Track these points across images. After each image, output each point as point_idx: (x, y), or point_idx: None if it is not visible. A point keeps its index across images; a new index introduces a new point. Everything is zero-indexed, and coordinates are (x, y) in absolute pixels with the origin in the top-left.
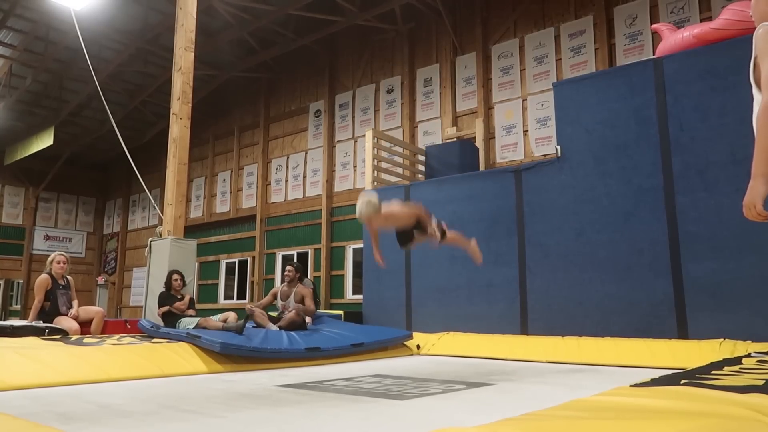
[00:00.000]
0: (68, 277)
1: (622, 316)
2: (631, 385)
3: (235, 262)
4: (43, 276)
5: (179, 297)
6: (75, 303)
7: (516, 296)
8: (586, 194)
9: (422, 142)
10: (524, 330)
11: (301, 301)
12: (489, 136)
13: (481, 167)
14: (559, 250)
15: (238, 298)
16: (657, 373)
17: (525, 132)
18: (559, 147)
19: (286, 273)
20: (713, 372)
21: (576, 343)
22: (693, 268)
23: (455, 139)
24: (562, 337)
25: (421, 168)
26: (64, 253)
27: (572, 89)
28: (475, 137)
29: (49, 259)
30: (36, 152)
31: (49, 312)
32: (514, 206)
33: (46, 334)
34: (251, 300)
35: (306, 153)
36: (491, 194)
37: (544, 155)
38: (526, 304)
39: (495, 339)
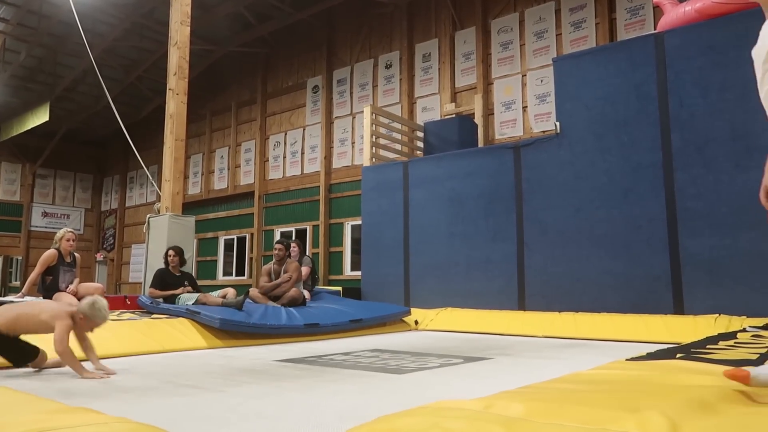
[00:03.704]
0: (75, 254)
1: (618, 292)
2: (627, 359)
3: (233, 239)
4: (51, 251)
5: (177, 274)
6: (76, 280)
7: (514, 272)
8: (584, 171)
9: (421, 119)
10: (522, 306)
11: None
12: (488, 113)
13: (480, 143)
14: (557, 226)
15: (237, 275)
16: (653, 348)
17: (524, 108)
18: (558, 123)
19: (274, 252)
20: (708, 346)
21: (572, 319)
22: (690, 244)
23: (454, 116)
24: (559, 313)
25: (420, 144)
26: (73, 231)
27: (572, 64)
28: (474, 113)
29: (59, 235)
30: (32, 128)
31: (50, 287)
32: (513, 183)
33: None
34: (250, 276)
35: (304, 129)
36: (490, 171)
37: (543, 131)
38: (524, 280)
39: (493, 315)
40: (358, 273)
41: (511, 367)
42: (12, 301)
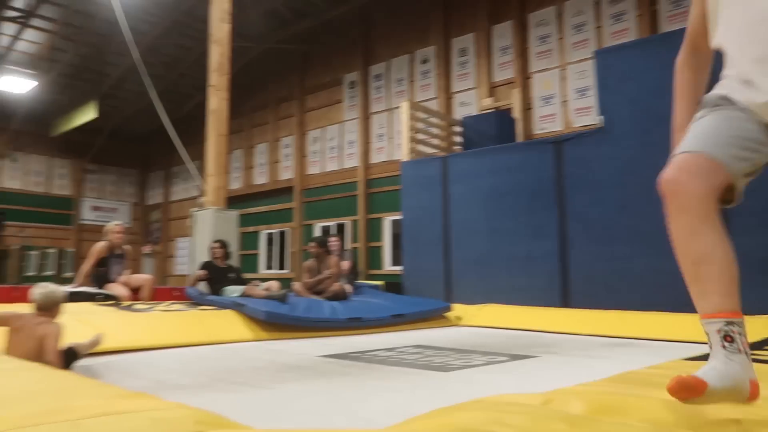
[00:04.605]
0: (125, 246)
1: (668, 291)
2: (684, 359)
3: (274, 233)
4: (102, 243)
5: (223, 266)
6: (126, 271)
7: (556, 269)
8: (630, 166)
9: (458, 113)
10: (565, 303)
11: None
12: (526, 107)
13: (519, 138)
14: (601, 223)
15: (278, 269)
16: (706, 348)
17: (564, 102)
18: (601, 117)
19: (310, 250)
20: (767, 347)
21: (619, 317)
22: (742, 242)
23: (492, 110)
24: (605, 311)
25: (458, 139)
26: (121, 223)
27: (615, 57)
28: (512, 108)
29: (108, 228)
30: (81, 125)
31: (101, 278)
32: (554, 178)
33: (98, 300)
34: (290, 270)
35: (342, 125)
36: (530, 166)
37: (585, 126)
38: (568, 277)
39: (536, 311)
40: (398, 268)
41: (559, 365)
42: (70, 291)
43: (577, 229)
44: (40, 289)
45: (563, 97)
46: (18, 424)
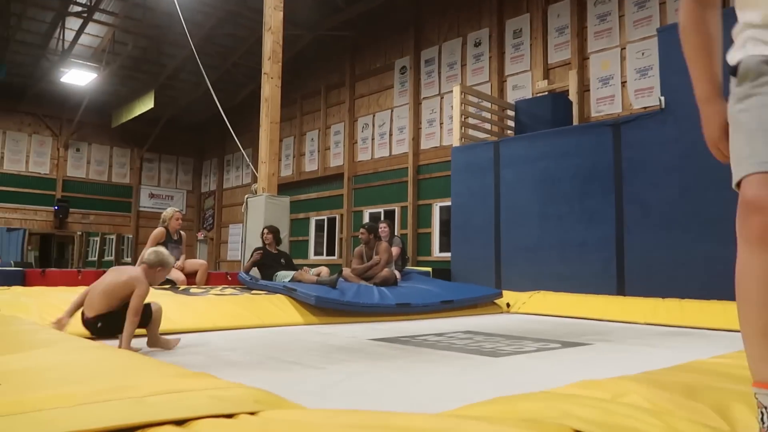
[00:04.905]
0: (182, 232)
1: (729, 279)
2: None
3: (324, 220)
4: (160, 229)
5: (274, 251)
6: (182, 256)
7: (612, 256)
8: (692, 148)
9: (511, 97)
10: (621, 291)
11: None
12: (583, 89)
13: (575, 121)
14: (660, 208)
15: (327, 255)
16: None
17: (623, 83)
18: (662, 98)
19: (359, 236)
20: None
21: (678, 306)
22: None
23: (547, 93)
24: (663, 299)
25: (511, 123)
26: (180, 210)
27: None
28: (568, 90)
29: (168, 214)
30: (139, 115)
31: None
32: (611, 162)
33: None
34: (340, 256)
35: (392, 111)
36: (587, 150)
37: (645, 108)
38: (624, 264)
39: (589, 299)
40: (447, 254)
41: (614, 354)
42: None
43: (635, 215)
44: (153, 249)
45: (622, 77)
46: (86, 400)
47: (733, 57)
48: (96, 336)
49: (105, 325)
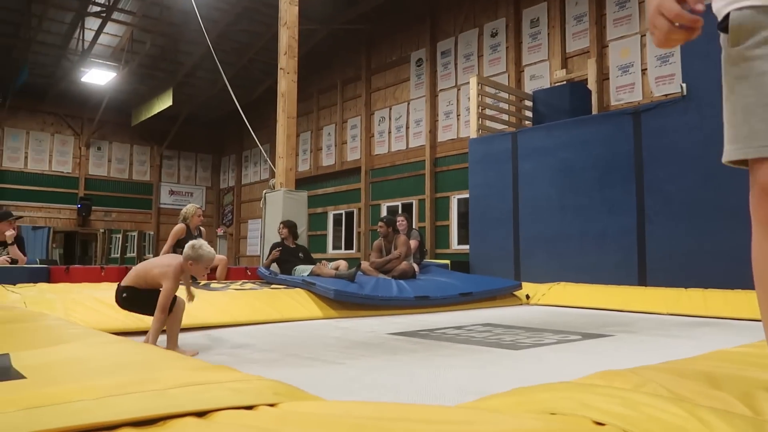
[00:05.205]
0: (202, 228)
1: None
2: None
3: (341, 214)
4: (181, 225)
5: (292, 246)
6: None
7: (633, 246)
8: (714, 136)
9: (529, 87)
10: (642, 281)
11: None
12: (602, 77)
13: (594, 111)
14: (682, 197)
15: (345, 249)
16: None
17: (643, 71)
18: (684, 85)
19: (378, 229)
20: None
21: (701, 295)
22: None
23: (565, 82)
24: (686, 289)
25: (529, 114)
26: (200, 206)
27: (703, 18)
28: (587, 79)
29: (189, 211)
30: (158, 113)
31: None
32: (631, 151)
33: None
34: (358, 250)
35: (408, 104)
36: (606, 139)
37: (666, 95)
38: (645, 254)
39: (609, 290)
40: (465, 247)
41: (636, 345)
42: None
43: (656, 204)
44: (191, 245)
45: (643, 65)
46: (109, 393)
47: (718, 7)
48: (118, 303)
49: (129, 297)
